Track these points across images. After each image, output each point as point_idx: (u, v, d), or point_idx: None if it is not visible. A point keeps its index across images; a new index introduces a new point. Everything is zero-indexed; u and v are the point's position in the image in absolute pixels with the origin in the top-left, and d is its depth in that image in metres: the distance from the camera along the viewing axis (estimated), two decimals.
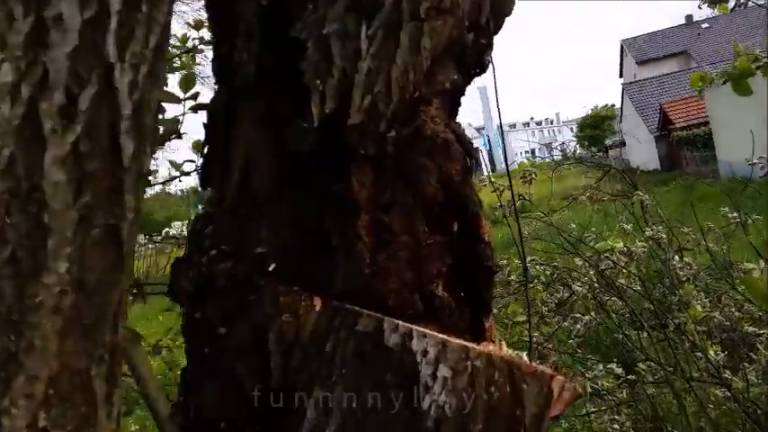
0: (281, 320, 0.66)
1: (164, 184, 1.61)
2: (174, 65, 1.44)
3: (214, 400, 0.66)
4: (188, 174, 1.48)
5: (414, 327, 0.55)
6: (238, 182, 0.75)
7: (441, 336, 0.55)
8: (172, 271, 0.78)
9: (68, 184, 0.41)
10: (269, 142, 0.72)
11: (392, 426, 0.53)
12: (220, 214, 0.76)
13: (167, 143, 1.22)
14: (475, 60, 0.78)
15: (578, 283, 3.19)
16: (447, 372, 0.53)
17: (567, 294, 3.82)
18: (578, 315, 2.87)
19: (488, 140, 57.23)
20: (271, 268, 0.69)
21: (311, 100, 0.63)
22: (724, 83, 1.87)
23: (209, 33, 0.83)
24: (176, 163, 1.48)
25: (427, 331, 0.55)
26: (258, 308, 0.66)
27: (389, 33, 0.64)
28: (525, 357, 0.68)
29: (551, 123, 78.70)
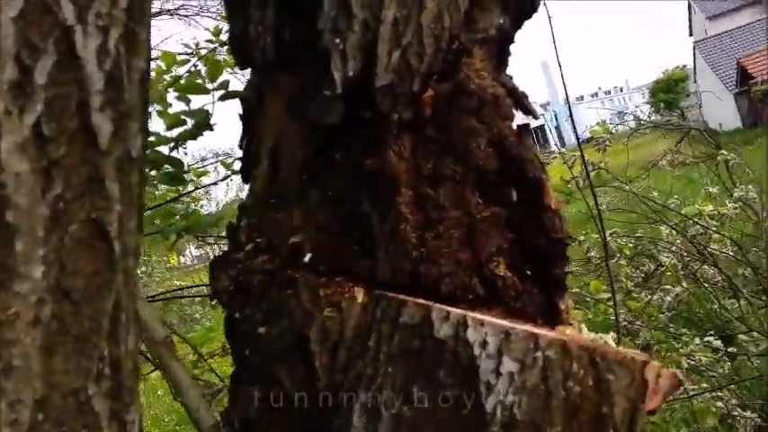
0: (323, 316, 0.58)
1: (214, 185, 1.58)
2: (217, 57, 1.40)
3: (257, 409, 0.60)
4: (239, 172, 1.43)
5: (469, 313, 0.46)
6: (268, 169, 0.68)
7: (503, 323, 0.46)
8: (211, 269, 0.72)
9: (33, 175, 0.35)
10: (297, 123, 0.64)
11: (453, 431, 0.44)
12: (253, 206, 0.70)
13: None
14: (524, 0, 0.68)
15: (665, 254, 2.98)
16: (513, 365, 0.44)
17: (653, 267, 3.59)
18: (668, 287, 2.66)
19: (555, 116, 55.55)
20: (307, 259, 0.61)
21: (331, 63, 0.55)
22: None
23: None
24: (226, 162, 1.44)
25: (486, 318, 0.46)
26: (296, 304, 0.59)
27: None
28: (611, 341, 0.57)
29: (621, 91, 75.46)
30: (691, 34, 37.58)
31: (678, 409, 2.12)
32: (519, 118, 0.81)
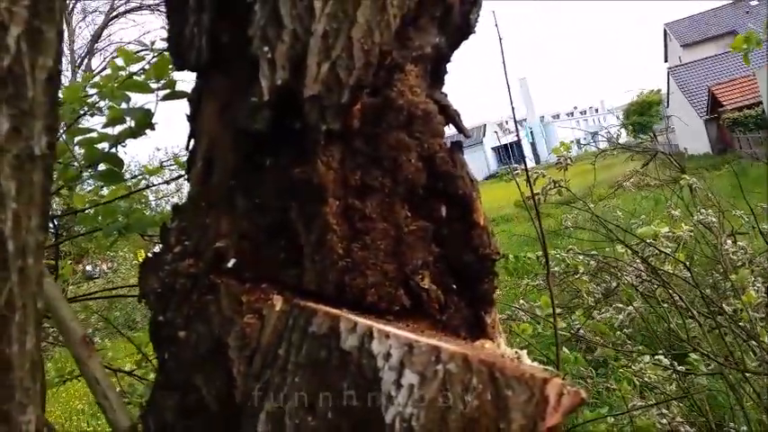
0: (243, 323, 0.58)
1: (167, 183, 1.56)
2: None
3: (173, 414, 0.59)
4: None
5: (375, 325, 0.46)
6: (201, 172, 0.68)
7: (408, 335, 0.46)
8: (140, 270, 0.71)
9: None
10: (228, 127, 0.64)
11: None
12: (186, 208, 0.69)
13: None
14: (461, 22, 0.69)
15: (624, 273, 3.03)
16: (414, 378, 0.44)
17: (614, 284, 3.65)
18: (619, 305, 2.70)
19: (531, 132, 56.22)
20: (230, 264, 0.61)
21: (260, 70, 0.55)
22: (758, 44, 1.71)
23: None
24: (182, 162, 1.43)
25: (392, 330, 0.46)
26: (216, 310, 0.59)
27: None
28: (525, 357, 0.58)
29: (596, 112, 76.66)
30: (666, 60, 38.51)
31: (626, 425, 2.15)
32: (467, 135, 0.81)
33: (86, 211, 1.29)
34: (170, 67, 1.16)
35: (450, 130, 0.71)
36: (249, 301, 0.59)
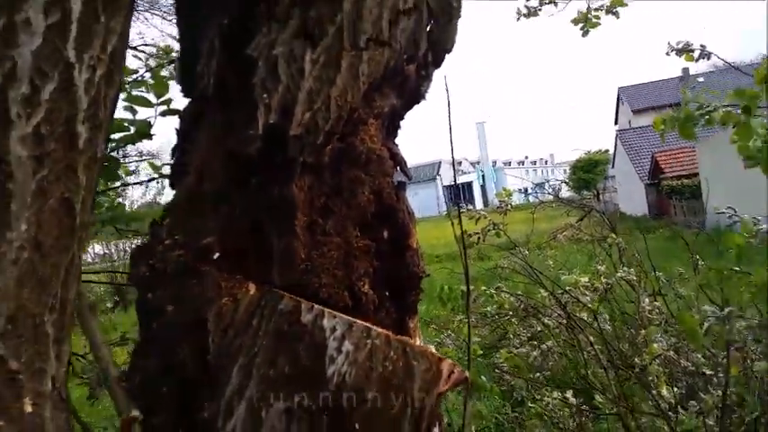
0: (221, 303, 0.74)
1: (142, 183, 1.70)
2: (162, 74, 1.55)
3: (158, 367, 0.74)
4: (167, 177, 1.57)
5: (326, 309, 0.64)
6: (194, 181, 0.84)
7: (349, 318, 0.64)
8: (131, 257, 0.86)
9: (29, 160, 0.50)
10: (223, 148, 0.81)
11: (302, 389, 0.61)
12: (177, 209, 0.85)
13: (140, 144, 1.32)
14: (415, 89, 0.89)
15: (547, 317, 3.28)
16: (350, 347, 0.62)
17: (539, 328, 3.91)
18: (535, 343, 2.94)
19: (482, 175, 57.71)
20: (215, 257, 0.77)
21: (257, 111, 0.73)
22: (673, 127, 2.00)
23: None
24: (156, 165, 1.58)
25: (337, 313, 0.64)
26: (200, 291, 0.75)
27: (331, 59, 0.74)
28: (432, 348, 0.76)
29: (546, 164, 79.54)
30: (616, 123, 40.45)
31: None
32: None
33: None
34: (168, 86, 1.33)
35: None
36: (227, 287, 0.75)
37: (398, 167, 0.86)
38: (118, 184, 1.60)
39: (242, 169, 0.77)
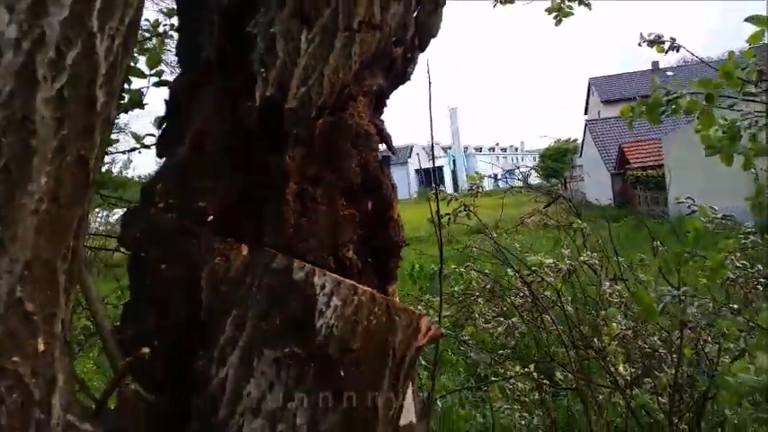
0: (214, 263, 0.79)
1: (125, 152, 1.72)
2: (145, 47, 1.57)
3: (151, 323, 0.79)
4: (148, 147, 1.60)
5: (317, 268, 0.70)
6: (191, 147, 0.88)
7: (337, 276, 0.70)
8: (122, 220, 0.90)
9: (52, 120, 0.55)
10: (221, 116, 0.85)
11: (291, 340, 0.67)
12: (171, 174, 0.89)
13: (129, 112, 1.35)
14: (401, 71, 0.94)
15: (512, 295, 3.39)
16: (338, 302, 0.68)
17: (504, 308, 4.03)
18: (501, 319, 3.06)
19: (453, 160, 58.05)
20: (209, 220, 0.82)
21: (256, 85, 0.77)
22: (640, 114, 2.10)
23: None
24: (138, 135, 1.60)
25: (327, 272, 0.70)
26: (195, 250, 0.80)
27: (325, 38, 0.79)
28: (411, 307, 0.83)
29: (516, 151, 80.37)
30: (586, 113, 41.04)
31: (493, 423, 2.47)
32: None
33: None
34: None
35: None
36: (220, 248, 0.80)
37: (384, 143, 0.92)
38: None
39: (239, 139, 0.82)
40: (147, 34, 1.68)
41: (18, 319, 0.53)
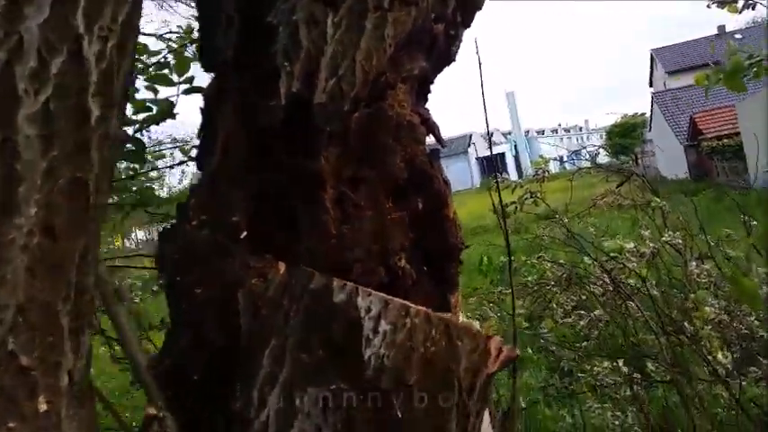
0: (251, 283, 0.71)
1: (171, 167, 1.69)
2: (186, 54, 1.52)
3: (188, 351, 0.72)
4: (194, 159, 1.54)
5: (360, 286, 0.60)
6: (219, 159, 0.80)
7: (385, 295, 0.60)
8: (159, 240, 0.84)
9: (38, 139, 0.47)
10: (245, 122, 0.77)
11: (337, 374, 0.58)
12: (203, 187, 0.82)
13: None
14: (445, 51, 0.83)
15: (592, 285, 3.20)
16: (387, 327, 0.58)
17: (584, 297, 3.82)
18: (582, 312, 2.87)
19: (515, 145, 56.83)
20: (243, 236, 0.74)
21: (279, 80, 0.68)
22: (718, 81, 1.89)
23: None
24: (185, 148, 1.56)
25: (372, 291, 0.60)
26: (230, 270, 0.71)
27: (354, 21, 0.69)
28: (477, 325, 0.72)
29: (580, 130, 77.80)
30: (651, 85, 39.28)
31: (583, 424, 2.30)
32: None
33: None
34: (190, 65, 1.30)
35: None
36: (256, 267, 0.72)
37: (431, 134, 0.81)
38: (148, 168, 1.59)
39: (266, 142, 0.73)
40: (183, 41, 1.63)
41: (12, 376, 0.46)
